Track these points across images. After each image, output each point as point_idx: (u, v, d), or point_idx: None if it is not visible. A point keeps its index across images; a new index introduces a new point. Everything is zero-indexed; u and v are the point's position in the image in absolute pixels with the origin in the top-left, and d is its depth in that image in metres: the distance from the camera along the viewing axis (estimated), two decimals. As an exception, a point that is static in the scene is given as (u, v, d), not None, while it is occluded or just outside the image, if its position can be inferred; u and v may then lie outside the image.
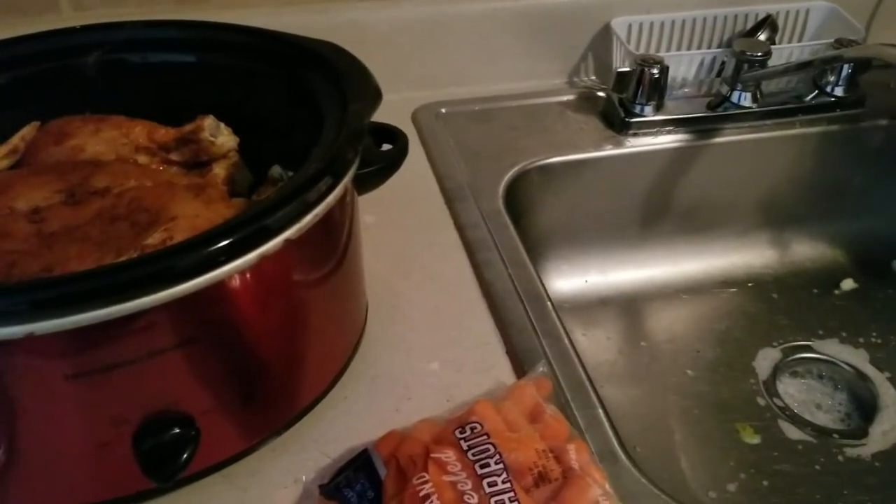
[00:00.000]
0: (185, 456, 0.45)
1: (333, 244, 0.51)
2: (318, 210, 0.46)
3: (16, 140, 0.55)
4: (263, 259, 0.44)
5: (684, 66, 0.89)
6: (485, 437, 0.47)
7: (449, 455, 0.46)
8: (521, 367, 0.59)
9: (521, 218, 0.80)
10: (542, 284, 0.67)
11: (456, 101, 0.90)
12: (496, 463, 0.45)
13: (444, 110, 0.89)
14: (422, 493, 0.44)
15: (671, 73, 0.85)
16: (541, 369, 0.55)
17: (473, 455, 0.46)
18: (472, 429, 0.48)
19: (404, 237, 0.71)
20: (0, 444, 0.43)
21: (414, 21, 0.88)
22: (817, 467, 0.71)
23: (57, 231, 0.46)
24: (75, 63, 0.58)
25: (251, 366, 0.48)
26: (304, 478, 0.51)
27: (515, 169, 0.81)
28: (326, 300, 0.53)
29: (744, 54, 0.84)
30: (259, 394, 0.50)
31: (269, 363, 0.49)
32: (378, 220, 0.70)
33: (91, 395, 0.42)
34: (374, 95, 0.53)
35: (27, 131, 0.56)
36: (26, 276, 0.43)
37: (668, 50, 0.93)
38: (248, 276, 0.44)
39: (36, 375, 0.41)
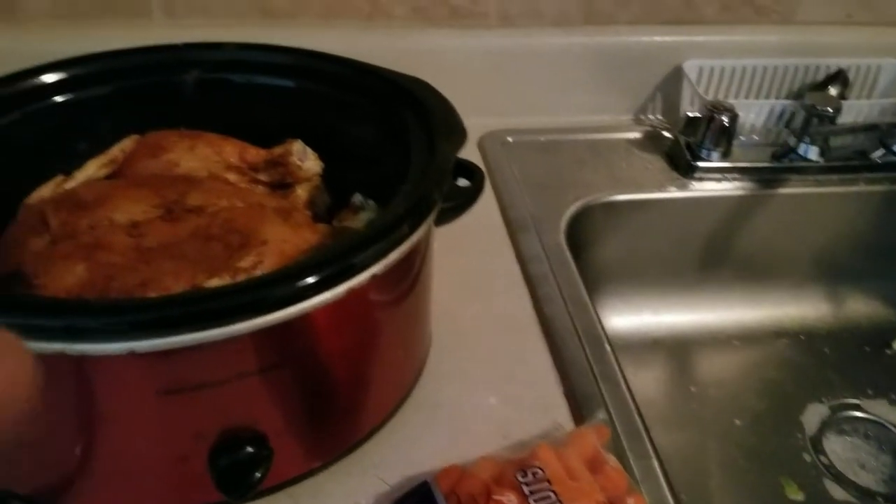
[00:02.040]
0: (258, 474, 0.46)
1: (410, 276, 0.53)
2: (405, 246, 0.48)
3: (115, 151, 0.57)
4: (349, 292, 0.45)
5: (753, 113, 0.89)
6: (546, 483, 0.47)
7: (511, 499, 0.47)
8: (578, 409, 0.60)
9: (581, 252, 0.81)
10: (602, 325, 0.68)
11: (523, 130, 0.91)
12: (557, 510, 0.46)
13: (510, 139, 0.90)
14: (484, 533, 0.45)
15: (739, 120, 0.86)
16: (601, 416, 0.56)
17: (535, 501, 0.46)
18: (533, 473, 0.48)
19: (466, 265, 0.72)
20: (78, 445, 0.45)
21: (488, 50, 0.89)
22: (859, 530, 0.71)
23: (154, 247, 0.48)
24: (175, 79, 0.60)
25: (324, 391, 0.50)
26: (362, 502, 0.53)
27: (579, 203, 0.82)
28: (398, 328, 0.55)
29: (814, 108, 0.85)
30: (329, 417, 0.51)
31: (340, 389, 0.51)
32: (441, 246, 0.71)
33: (177, 410, 0.44)
34: (460, 136, 0.54)
35: (127, 144, 0.58)
36: (124, 290, 0.45)
37: (738, 96, 0.93)
38: (332, 307, 0.45)
39: (130, 389, 0.42)
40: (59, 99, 0.57)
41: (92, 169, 0.57)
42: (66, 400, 0.43)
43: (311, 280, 0.43)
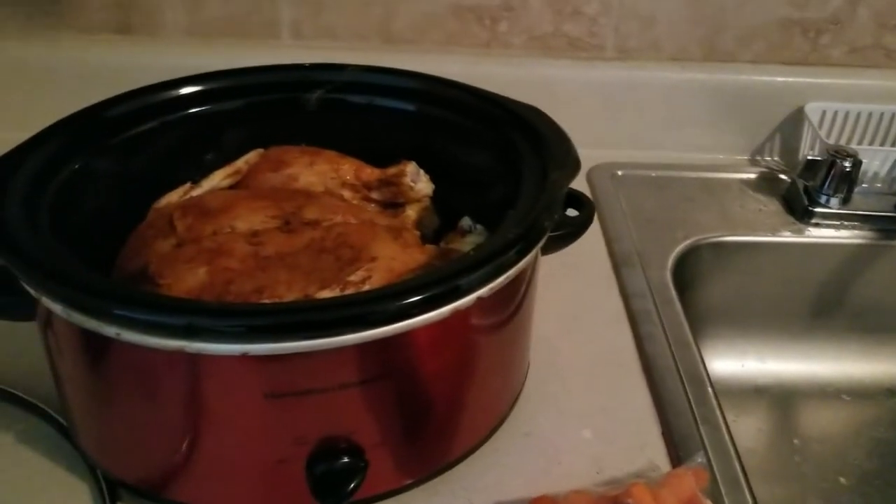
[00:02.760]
0: (353, 485, 0.47)
1: (514, 302, 0.53)
2: (511, 272, 0.48)
3: (240, 163, 0.60)
4: (454, 313, 0.46)
5: (878, 161, 0.86)
6: (640, 522, 0.47)
7: (603, 534, 0.46)
8: (675, 451, 0.58)
9: (686, 291, 0.79)
10: (705, 366, 0.66)
11: (634, 165, 0.90)
12: (650, 551, 0.45)
13: (620, 172, 0.89)
14: (572, 567, 0.44)
15: (863, 167, 0.83)
16: (700, 460, 0.55)
17: (627, 539, 0.46)
18: (626, 510, 0.48)
19: (569, 296, 0.72)
20: (186, 445, 0.47)
21: (604, 82, 0.89)
22: None
23: (271, 255, 0.50)
24: (300, 97, 0.63)
25: (422, 408, 0.50)
26: (451, 523, 0.53)
27: (687, 242, 0.80)
28: (498, 353, 0.55)
29: (944, 158, 0.81)
30: (423, 436, 0.52)
31: (437, 407, 0.51)
32: (545, 275, 0.71)
33: (282, 414, 0.45)
34: (573, 166, 0.54)
35: (252, 156, 0.61)
36: (241, 294, 0.47)
37: (862, 142, 0.90)
38: (436, 326, 0.46)
39: (240, 389, 0.44)
40: (192, 111, 0.60)
41: (217, 178, 0.60)
42: (181, 394, 0.45)
43: (416, 299, 0.44)
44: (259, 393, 0.44)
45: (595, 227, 0.81)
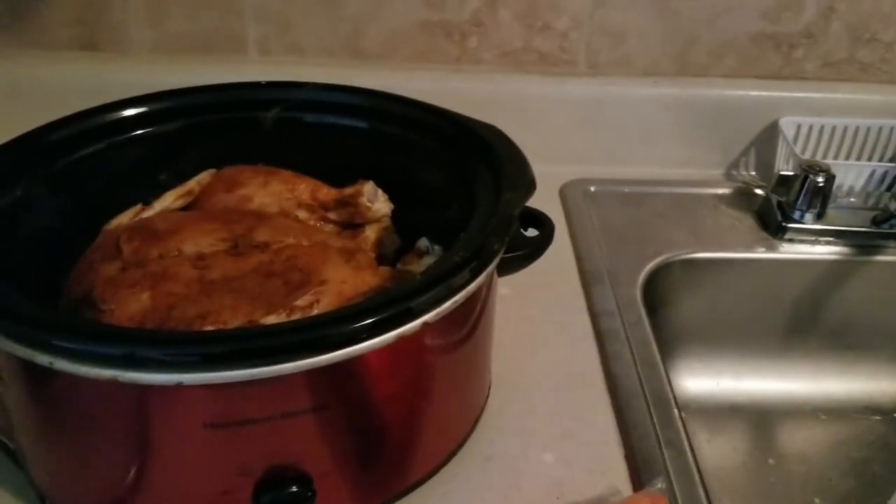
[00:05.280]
0: (299, 515, 0.46)
1: (468, 326, 0.52)
2: (459, 296, 0.47)
3: (192, 184, 0.59)
4: (400, 338, 0.45)
5: (852, 175, 0.85)
6: (593, 552, 0.45)
7: (554, 565, 0.45)
8: (637, 475, 0.57)
9: (658, 309, 0.78)
10: (671, 388, 0.65)
11: (606, 181, 0.89)
12: (601, 583, 0.44)
13: (592, 188, 0.89)
14: None
15: (837, 181, 0.82)
16: (659, 485, 0.53)
17: (579, 569, 0.45)
18: (581, 539, 0.47)
19: (535, 314, 0.71)
20: (129, 475, 0.46)
21: (576, 97, 0.89)
22: None
23: (217, 279, 0.49)
24: (256, 116, 0.62)
25: (373, 435, 0.49)
26: (406, 553, 0.52)
27: (658, 259, 0.79)
28: (453, 377, 0.54)
29: (920, 173, 0.80)
30: (376, 463, 0.51)
31: (389, 434, 0.50)
32: (512, 293, 0.70)
33: (223, 444, 0.44)
34: (528, 186, 0.53)
35: (203, 177, 0.60)
36: (183, 320, 0.46)
37: (837, 156, 0.89)
38: (383, 352, 0.45)
39: (178, 420, 0.43)
40: (142, 131, 0.59)
41: (169, 199, 0.59)
42: (118, 425, 0.44)
43: (360, 324, 0.43)
44: (198, 423, 0.43)
45: (566, 245, 0.80)
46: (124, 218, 0.57)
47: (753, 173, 0.92)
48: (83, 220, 0.57)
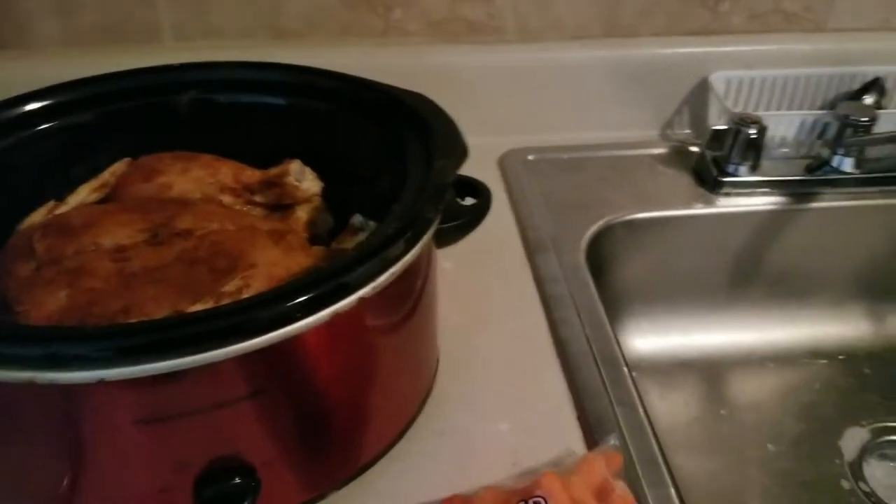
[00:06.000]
0: (243, 506, 0.45)
1: (408, 299, 0.51)
2: (396, 268, 0.45)
3: (106, 175, 0.57)
4: (336, 316, 0.43)
5: (784, 126, 0.85)
6: (549, 515, 0.45)
7: (510, 532, 0.44)
8: (592, 435, 0.57)
9: (603, 272, 0.78)
10: (620, 348, 0.65)
11: (545, 148, 0.89)
12: (559, 546, 0.43)
13: (531, 157, 0.88)
14: (480, 569, 0.42)
15: (770, 133, 0.83)
16: (612, 442, 0.53)
17: (536, 534, 0.44)
18: (535, 503, 0.46)
19: (481, 286, 0.70)
20: (60, 482, 0.43)
21: (507, 66, 0.87)
22: (902, 563, 0.67)
23: (138, 271, 0.46)
24: (169, 100, 0.59)
25: (316, 419, 0.48)
26: (362, 535, 0.51)
27: (601, 222, 0.79)
28: (397, 354, 0.52)
29: (848, 118, 0.81)
30: (323, 447, 0.49)
31: (334, 416, 0.49)
32: (456, 266, 0.69)
33: (157, 440, 0.42)
34: (460, 153, 0.52)
35: (118, 167, 0.58)
36: (105, 316, 0.44)
37: (768, 108, 0.90)
38: (320, 331, 0.44)
39: (105, 419, 0.41)
40: (50, 124, 0.56)
41: (84, 193, 0.56)
42: (45, 427, 0.42)
43: (293, 302, 0.41)
44: (128, 420, 0.41)
45: (507, 215, 0.80)
46: (37, 216, 0.54)
47: (688, 131, 0.92)
48: (-5, 222, 0.54)
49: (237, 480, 0.45)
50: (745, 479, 0.74)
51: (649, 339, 0.84)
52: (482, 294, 0.69)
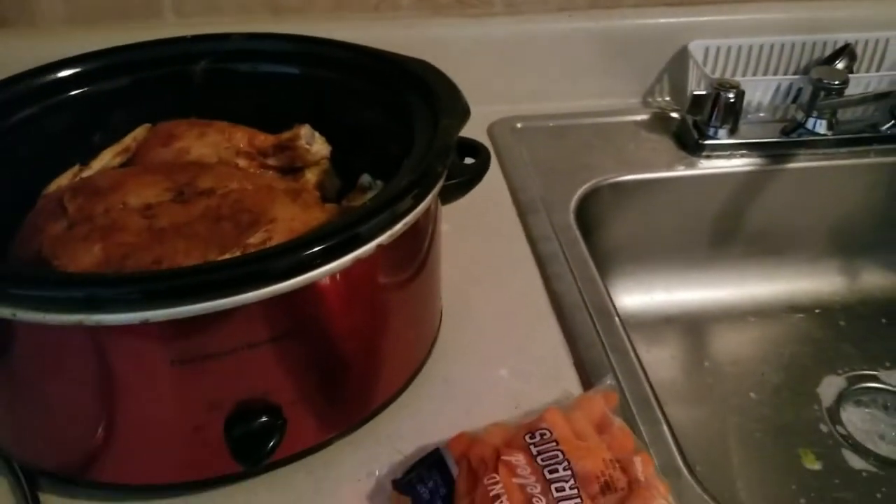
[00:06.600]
0: (272, 443, 0.48)
1: (418, 251, 0.54)
2: (408, 219, 0.49)
3: (128, 140, 0.60)
4: (357, 262, 0.46)
5: (760, 91, 0.89)
6: (554, 443, 0.49)
7: (519, 459, 0.48)
8: (588, 379, 0.61)
9: (591, 233, 0.81)
10: (611, 299, 0.68)
11: (532, 117, 0.92)
12: (564, 469, 0.47)
13: (519, 125, 0.91)
14: (492, 493, 0.46)
15: (747, 98, 0.87)
16: (609, 382, 0.57)
17: (543, 460, 0.48)
18: (541, 435, 0.50)
19: (477, 247, 0.73)
20: (99, 422, 0.47)
21: (495, 38, 0.91)
22: (878, 496, 0.71)
23: (166, 227, 0.49)
24: (185, 70, 0.62)
25: (335, 362, 0.51)
26: (377, 472, 0.54)
27: (588, 185, 0.83)
28: (407, 303, 0.56)
29: (821, 82, 0.85)
30: (341, 388, 0.53)
31: (351, 360, 0.52)
32: (453, 228, 0.71)
33: (191, 380, 0.46)
34: (463, 112, 0.55)
35: (139, 132, 0.60)
36: (139, 267, 0.47)
37: (745, 74, 0.94)
38: (339, 278, 0.47)
39: (145, 359, 0.44)
40: (73, 93, 0.59)
41: (107, 158, 0.59)
42: (86, 371, 0.45)
43: (315, 250, 0.44)
44: (165, 360, 0.44)
45: (499, 179, 0.83)
46: (63, 180, 0.57)
47: (668, 98, 0.96)
48: (21, 187, 0.57)
49: (265, 419, 0.48)
50: (729, 425, 0.78)
51: (635, 296, 0.88)
52: (479, 253, 0.73)
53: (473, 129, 0.64)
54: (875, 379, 0.82)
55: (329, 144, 0.62)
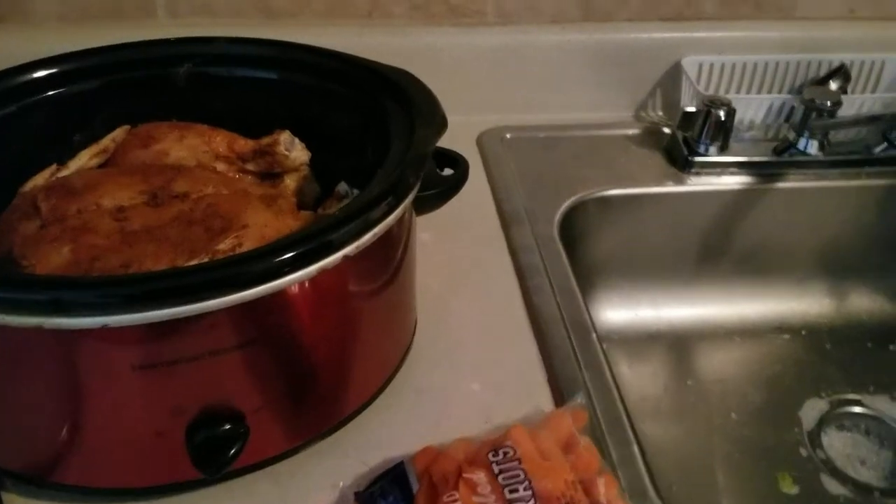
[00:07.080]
0: (233, 451, 0.48)
1: (389, 261, 0.54)
2: (378, 229, 0.49)
3: (106, 141, 0.60)
4: (322, 272, 0.46)
5: (752, 109, 0.89)
6: (516, 462, 0.48)
7: (480, 477, 0.47)
8: (560, 395, 0.60)
9: (576, 246, 0.81)
10: (589, 314, 0.68)
11: (522, 127, 0.92)
12: (525, 489, 0.47)
13: (509, 135, 0.91)
14: (451, 510, 0.46)
15: (739, 116, 0.86)
16: (579, 400, 0.57)
17: (504, 479, 0.47)
18: (504, 453, 0.49)
19: (458, 256, 0.73)
20: (60, 425, 0.46)
21: (488, 47, 0.90)
22: (853, 523, 0.71)
23: (138, 230, 0.49)
24: (167, 72, 0.62)
25: (302, 370, 0.51)
26: (341, 483, 0.54)
27: (574, 198, 0.82)
28: (378, 313, 0.56)
29: (813, 102, 0.84)
30: (307, 398, 0.52)
31: (319, 369, 0.52)
32: (434, 237, 0.72)
33: (154, 385, 0.45)
34: (440, 123, 0.55)
35: (118, 133, 0.61)
36: (107, 270, 0.47)
37: (738, 92, 0.93)
38: (306, 286, 0.47)
39: (106, 364, 0.44)
40: (53, 92, 0.59)
41: (84, 158, 0.59)
42: (48, 374, 0.45)
43: (282, 258, 0.44)
44: (126, 365, 0.44)
45: (484, 190, 0.83)
46: (40, 179, 0.57)
47: (660, 113, 0.96)
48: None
49: (227, 426, 0.48)
50: (709, 445, 0.78)
51: (620, 311, 0.88)
52: (458, 263, 0.73)
53: (462, 139, 0.64)
54: (859, 403, 0.82)
55: (309, 151, 0.62)
